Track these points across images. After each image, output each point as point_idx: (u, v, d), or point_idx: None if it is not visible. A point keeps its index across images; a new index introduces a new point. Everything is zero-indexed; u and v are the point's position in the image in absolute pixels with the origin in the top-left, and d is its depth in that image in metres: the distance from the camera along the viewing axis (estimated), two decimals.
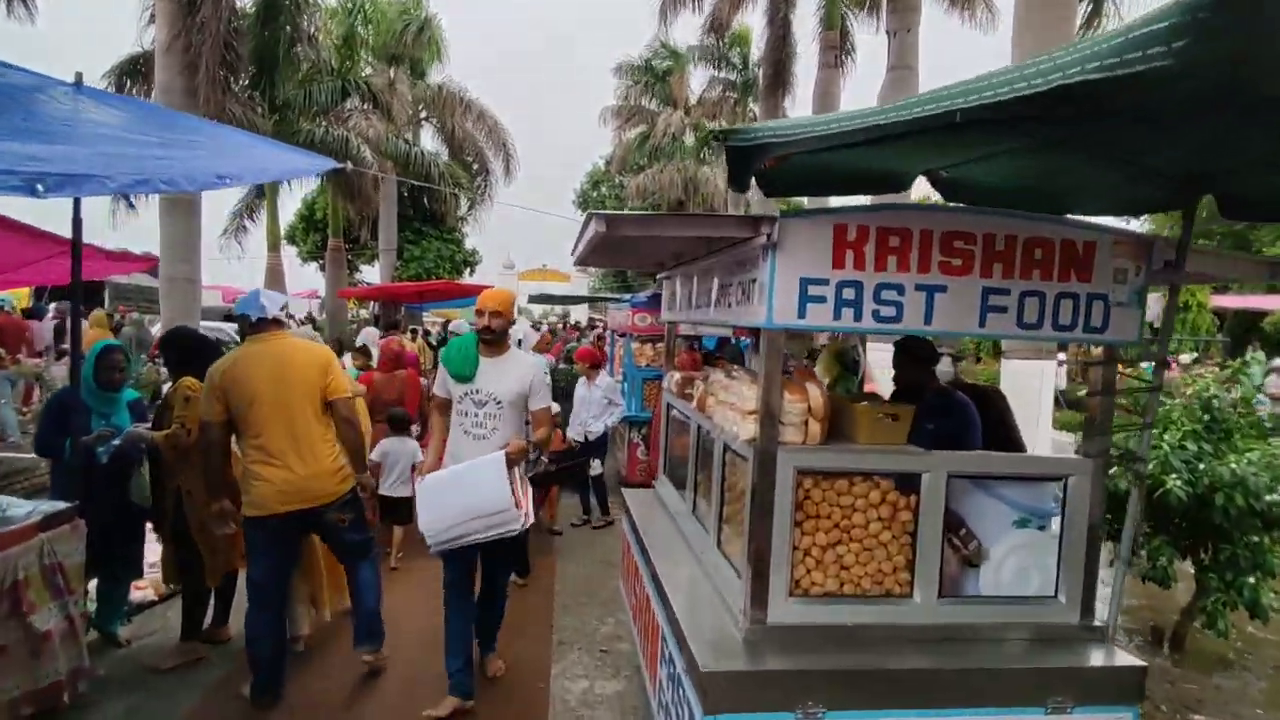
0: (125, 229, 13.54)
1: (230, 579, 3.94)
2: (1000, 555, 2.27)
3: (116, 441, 3.57)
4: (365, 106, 13.49)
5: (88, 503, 3.39)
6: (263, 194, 13.10)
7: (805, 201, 12.98)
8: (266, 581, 3.30)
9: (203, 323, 18.06)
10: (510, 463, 3.10)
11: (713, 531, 2.62)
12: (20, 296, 14.90)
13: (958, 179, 3.04)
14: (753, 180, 2.31)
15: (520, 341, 7.14)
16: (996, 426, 3.17)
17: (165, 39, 9.03)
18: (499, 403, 3.22)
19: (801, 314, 2.01)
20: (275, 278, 12.49)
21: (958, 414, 3.02)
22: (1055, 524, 2.30)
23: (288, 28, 12.11)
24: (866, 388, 5.81)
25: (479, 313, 3.25)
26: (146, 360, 10.18)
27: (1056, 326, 2.13)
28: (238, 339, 13.24)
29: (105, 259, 5.87)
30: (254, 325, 3.31)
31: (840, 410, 2.27)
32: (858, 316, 2.04)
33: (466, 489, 3.07)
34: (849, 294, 2.03)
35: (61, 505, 3.29)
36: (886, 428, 2.25)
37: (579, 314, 42.66)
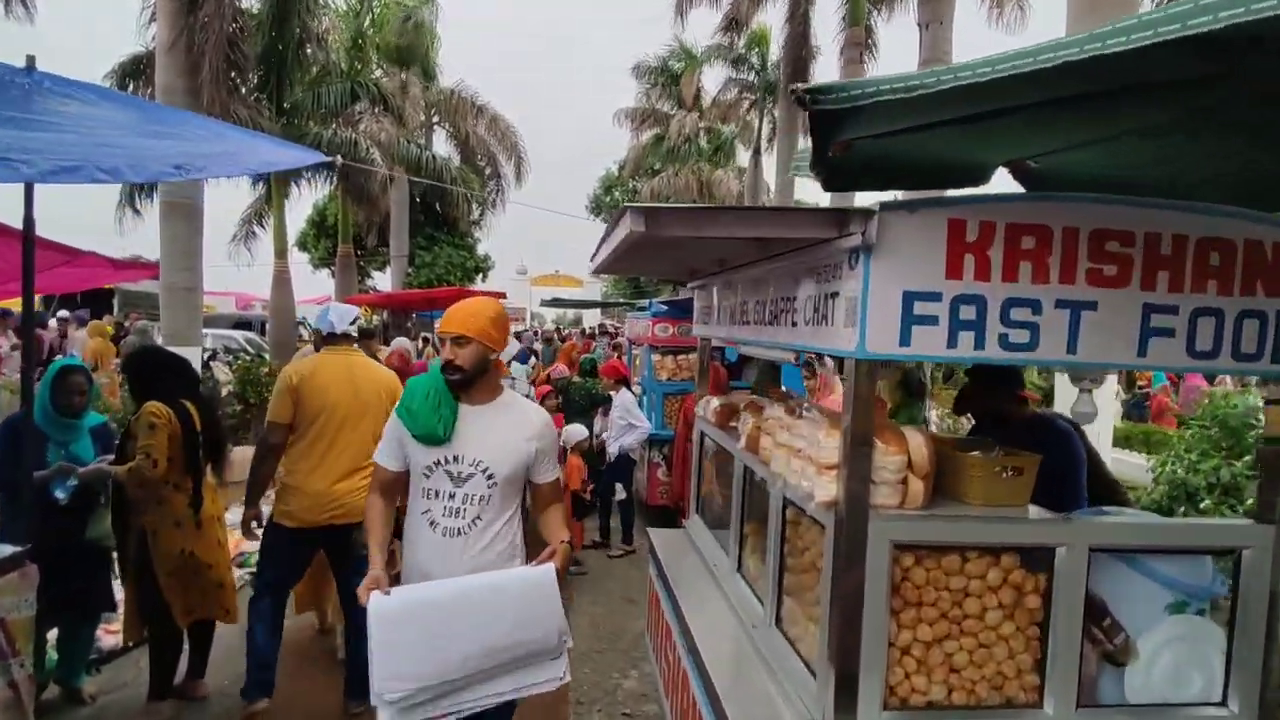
0: (133, 235, 13.26)
1: (206, 628, 3.49)
2: (1152, 650, 1.74)
3: (74, 481, 3.12)
4: (375, 110, 13.14)
5: (42, 545, 2.96)
6: (270, 199, 12.77)
7: (857, 197, 12.47)
8: (278, 581, 3.31)
9: (211, 331, 17.90)
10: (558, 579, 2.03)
11: (769, 604, 2.12)
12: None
13: (1049, 170, 2.53)
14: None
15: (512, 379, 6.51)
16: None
17: (166, 38, 8.70)
18: (490, 477, 2.07)
19: (904, 340, 1.51)
20: (282, 285, 12.11)
21: (1061, 448, 2.48)
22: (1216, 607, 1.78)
23: (297, 29, 11.79)
24: (824, 399, 5.18)
25: (440, 339, 2.12)
26: None
27: (1237, 355, 1.61)
28: (248, 348, 12.88)
29: (111, 267, 5.51)
30: (327, 338, 3.37)
31: (943, 461, 1.76)
32: (979, 343, 1.53)
33: (475, 627, 1.90)
34: (968, 313, 1.52)
35: (8, 549, 2.86)
36: (1006, 486, 1.74)
37: (590, 319, 42.30)
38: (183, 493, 3.27)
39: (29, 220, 3.00)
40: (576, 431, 5.55)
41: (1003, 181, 3.13)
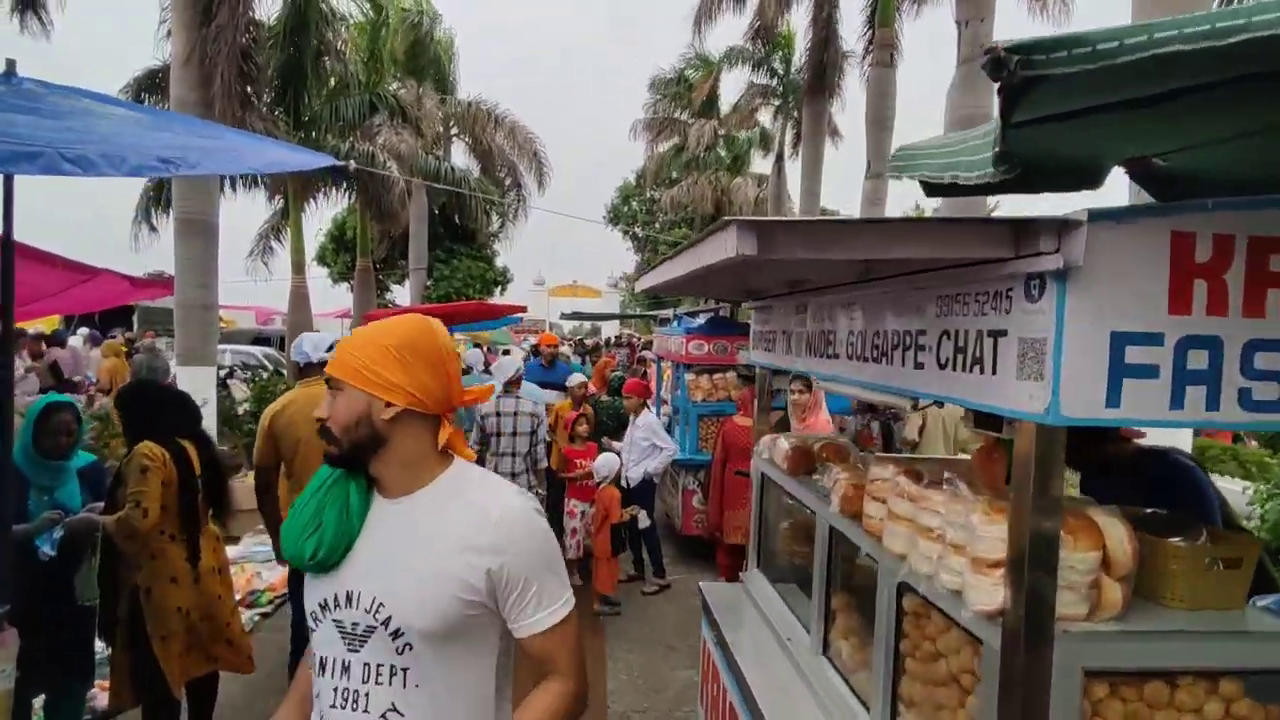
0: (150, 252, 13.12)
1: (208, 683, 3.13)
2: None
3: (61, 532, 2.77)
4: (394, 122, 12.92)
5: (24, 605, 2.62)
6: (287, 214, 12.58)
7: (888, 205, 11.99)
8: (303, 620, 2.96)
9: (229, 347, 17.78)
10: None
11: (880, 713, 1.69)
12: (49, 322, 14.62)
13: (1178, 169, 2.11)
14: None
15: (480, 418, 4.98)
16: None
17: (181, 51, 8.49)
18: (397, 635, 1.17)
19: (1113, 399, 1.10)
20: (299, 301, 11.88)
21: (1190, 490, 2.01)
22: None
23: (315, 41, 11.62)
24: (809, 423, 4.68)
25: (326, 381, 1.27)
26: None
27: None
28: (266, 364, 12.60)
29: (129, 285, 5.26)
30: (302, 370, 3.38)
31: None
32: (1213, 402, 1.11)
33: None
34: (1198, 361, 1.11)
35: None
36: (1218, 582, 1.31)
37: (607, 330, 41.99)
38: (180, 544, 2.92)
39: (7, 220, 2.64)
40: (610, 463, 5.17)
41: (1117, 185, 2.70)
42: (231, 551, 4.61)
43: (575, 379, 5.95)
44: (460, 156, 20.13)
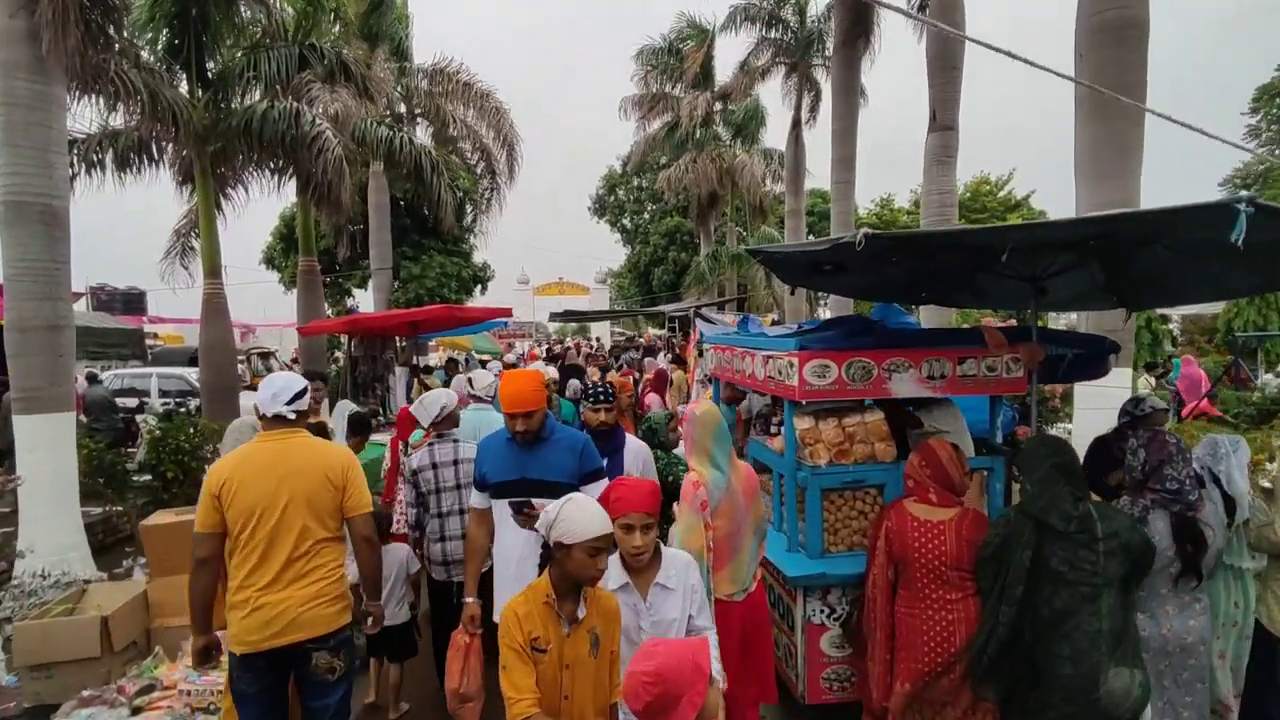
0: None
1: None
2: None
3: None
4: (334, 81, 10.14)
5: None
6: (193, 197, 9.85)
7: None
8: None
9: (155, 370, 14.90)
10: None
11: None
12: None
13: None
14: None
15: (412, 474, 3.90)
16: None
17: None
18: None
19: None
20: (215, 312, 9.13)
21: None
22: None
23: None
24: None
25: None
26: None
27: None
28: (197, 389, 9.31)
29: None
30: (262, 420, 2.79)
31: None
32: None
33: None
34: None
35: None
36: None
37: (598, 331, 39.31)
38: None
39: None
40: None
41: None
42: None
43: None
44: (426, 138, 17.34)
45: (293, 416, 2.75)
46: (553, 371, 9.81)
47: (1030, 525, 2.62)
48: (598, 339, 36.13)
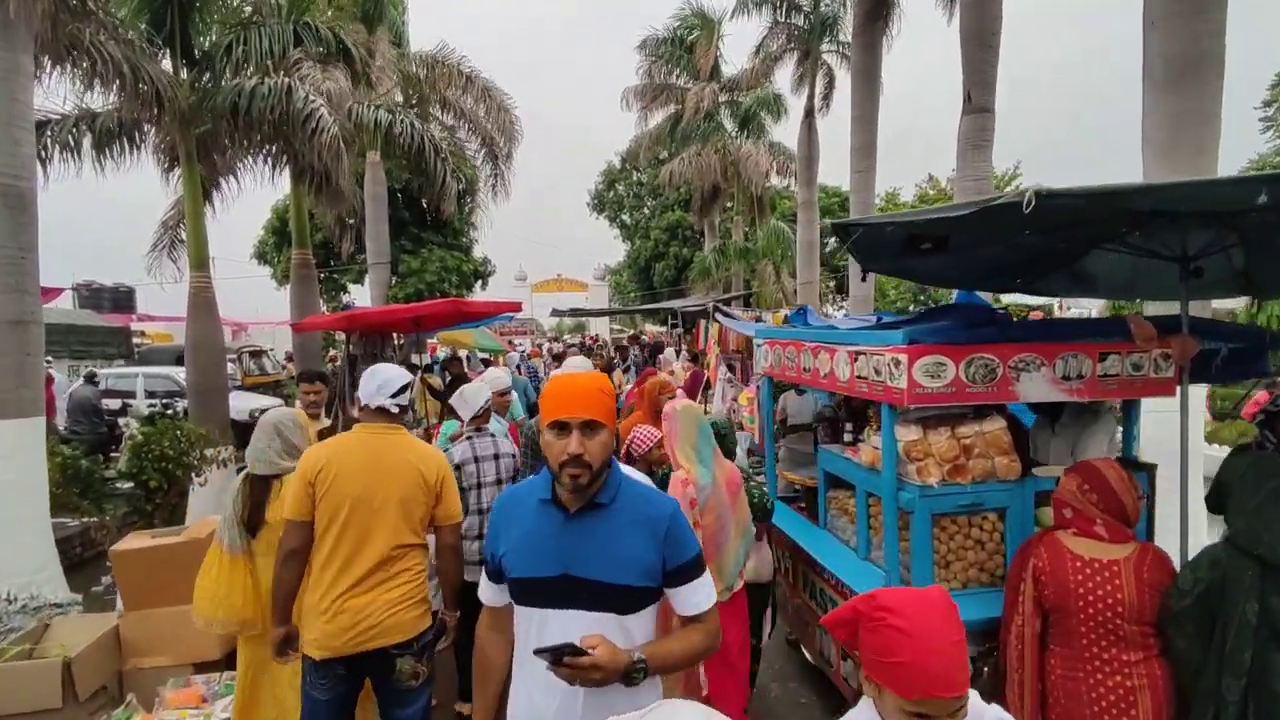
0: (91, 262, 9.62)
1: None
2: None
3: None
4: (329, 60, 9.48)
5: None
6: (207, 195, 9.16)
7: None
8: None
9: (142, 370, 14.22)
10: None
11: None
12: None
13: None
14: None
15: (456, 469, 3.60)
16: None
17: None
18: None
19: None
20: (203, 307, 8.48)
21: None
22: None
23: None
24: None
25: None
26: None
27: None
28: (177, 385, 8.55)
29: None
30: (364, 411, 2.70)
31: None
32: None
33: None
34: None
35: None
36: None
37: (598, 329, 38.61)
38: None
39: None
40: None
41: None
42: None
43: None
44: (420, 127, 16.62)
45: (396, 410, 2.69)
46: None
47: (1253, 568, 2.02)
48: (596, 335, 35.50)
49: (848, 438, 3.82)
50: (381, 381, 2.68)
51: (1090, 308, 14.42)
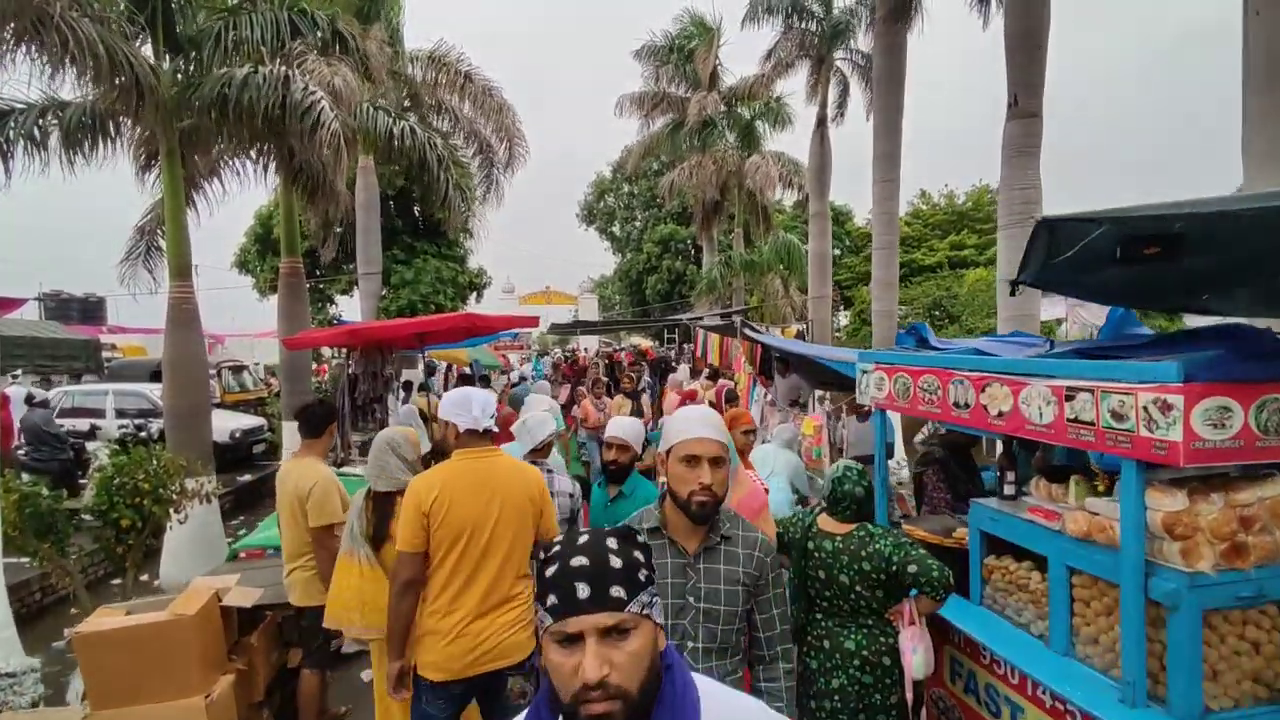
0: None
1: None
2: None
3: None
4: (329, 52, 8.67)
5: None
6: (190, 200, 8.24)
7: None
8: None
9: (112, 386, 13.14)
10: None
11: None
12: None
13: None
14: None
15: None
16: None
17: None
18: None
19: None
20: (183, 318, 7.58)
21: None
22: None
23: None
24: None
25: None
26: None
27: None
28: (152, 403, 7.73)
29: None
30: (463, 436, 2.74)
31: None
32: None
33: None
34: None
35: None
36: None
37: (586, 343, 37.71)
38: None
39: None
40: None
41: None
42: None
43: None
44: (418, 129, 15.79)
45: (497, 430, 2.80)
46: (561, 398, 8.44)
47: None
48: (586, 349, 34.71)
49: (1008, 489, 3.09)
50: (482, 404, 2.73)
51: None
